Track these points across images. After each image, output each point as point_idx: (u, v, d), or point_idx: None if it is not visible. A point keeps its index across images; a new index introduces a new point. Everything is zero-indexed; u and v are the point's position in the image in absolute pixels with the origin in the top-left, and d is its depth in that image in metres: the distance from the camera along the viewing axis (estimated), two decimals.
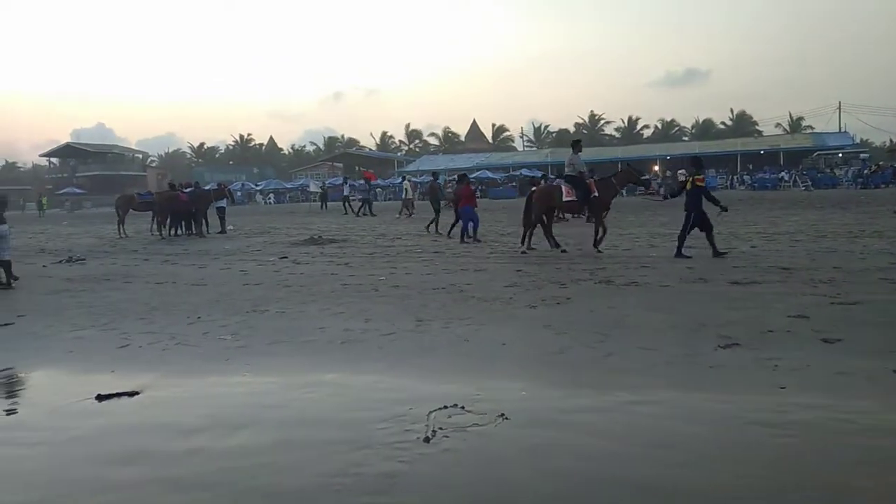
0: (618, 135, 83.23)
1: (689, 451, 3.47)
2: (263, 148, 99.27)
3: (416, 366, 5.27)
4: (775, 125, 75.51)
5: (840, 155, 46.95)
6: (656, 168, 51.07)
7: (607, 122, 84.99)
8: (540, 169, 50.86)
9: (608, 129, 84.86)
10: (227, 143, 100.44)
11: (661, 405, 4.16)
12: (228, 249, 15.38)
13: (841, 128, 59.84)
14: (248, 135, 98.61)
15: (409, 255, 12.83)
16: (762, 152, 54.16)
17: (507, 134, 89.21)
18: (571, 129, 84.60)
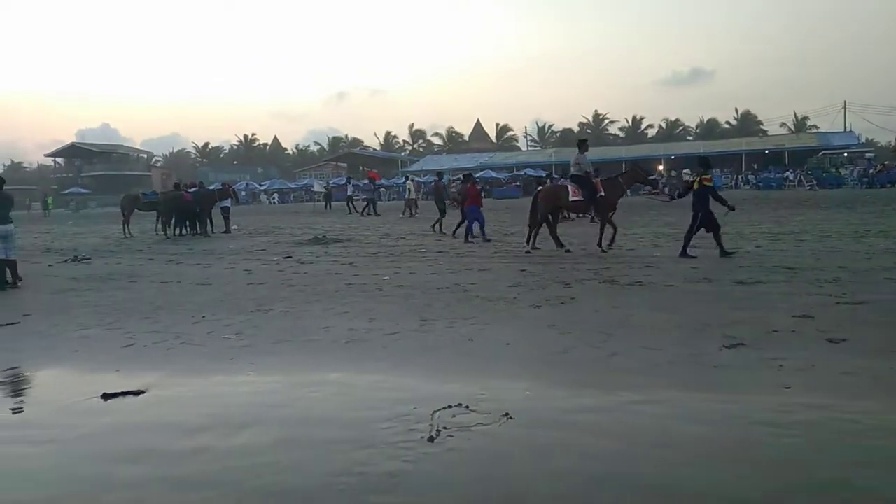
0: (622, 134, 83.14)
1: (693, 451, 3.47)
2: (268, 148, 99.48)
3: (421, 365, 5.27)
4: (780, 125, 75.54)
5: (845, 154, 46.73)
6: (660, 168, 50.96)
7: (611, 122, 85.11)
8: (544, 169, 50.88)
9: (612, 129, 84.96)
10: (232, 143, 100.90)
11: (666, 405, 4.16)
12: (233, 249, 15.42)
13: (846, 127, 59.66)
14: (253, 135, 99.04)
15: (413, 254, 12.85)
16: (767, 152, 53.99)
17: (510, 133, 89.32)
18: (575, 129, 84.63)
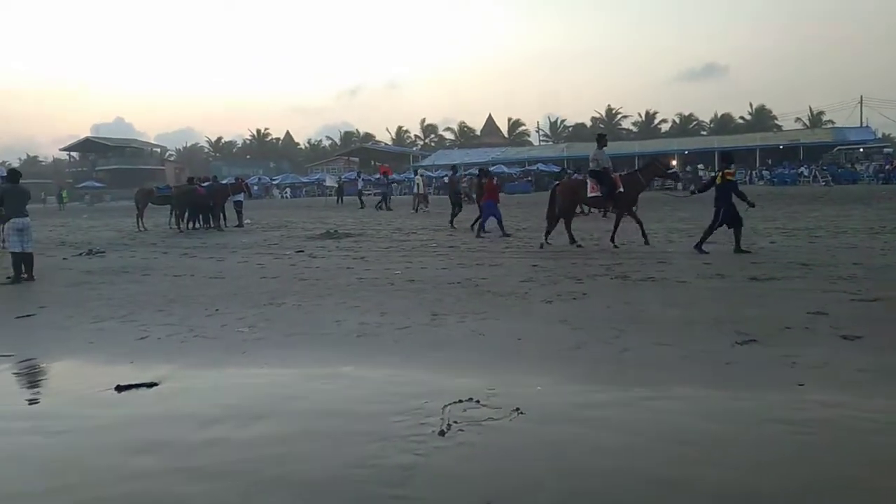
0: (635, 129, 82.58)
1: (705, 447, 3.46)
2: (280, 142, 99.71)
3: (432, 359, 5.29)
4: (795, 120, 74.54)
5: (861, 150, 46.15)
6: (674, 163, 50.62)
7: (624, 117, 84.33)
8: (556, 164, 50.75)
9: (625, 124, 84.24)
10: (245, 138, 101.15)
11: (678, 401, 4.15)
12: (246, 243, 15.50)
13: (862, 122, 58.86)
14: (265, 129, 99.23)
15: (424, 249, 12.86)
16: (782, 147, 53.38)
17: (522, 128, 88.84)
18: (588, 124, 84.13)
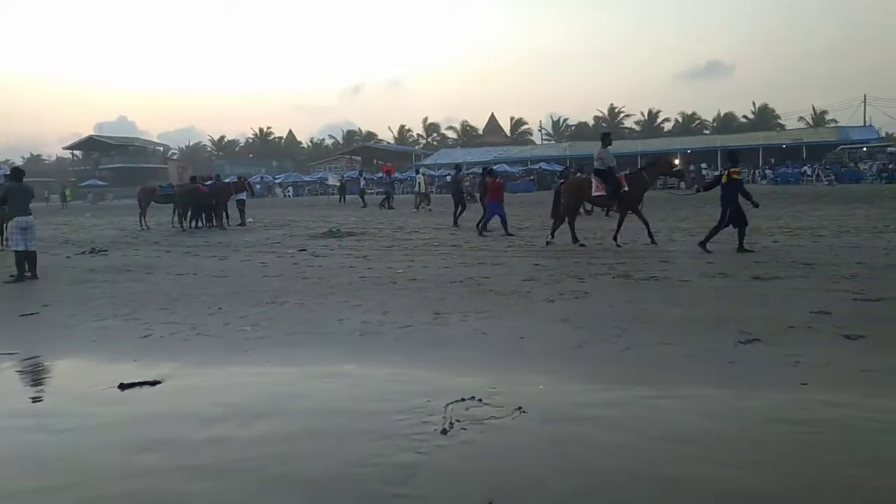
0: (637, 128, 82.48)
1: (708, 446, 3.45)
2: (283, 141, 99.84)
3: (434, 358, 5.29)
4: (798, 119, 74.47)
5: (865, 149, 46.07)
6: (677, 161, 50.52)
7: (627, 116, 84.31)
8: (558, 163, 50.71)
9: (628, 123, 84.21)
10: (247, 137, 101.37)
11: (681, 400, 4.14)
12: (248, 242, 15.51)
13: (866, 121, 58.85)
14: (268, 128, 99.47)
15: (426, 248, 12.86)
16: (784, 146, 53.35)
17: (525, 127, 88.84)
18: (591, 123, 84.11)
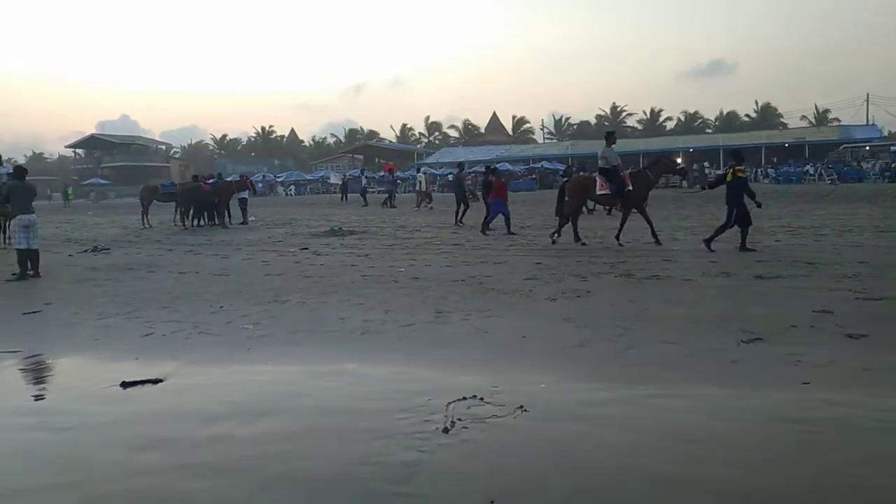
0: (640, 127, 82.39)
1: (710, 445, 3.45)
2: (285, 140, 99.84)
3: (436, 357, 5.29)
4: (801, 117, 74.29)
5: (867, 148, 45.93)
6: (679, 160, 50.46)
7: (629, 114, 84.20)
8: (560, 161, 50.68)
9: (630, 121, 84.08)
10: (249, 135, 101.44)
11: (683, 399, 4.14)
12: (250, 240, 15.52)
13: (868, 120, 58.69)
14: (270, 126, 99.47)
15: (428, 246, 12.86)
16: (787, 145, 53.25)
17: (527, 126, 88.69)
18: (593, 122, 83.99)
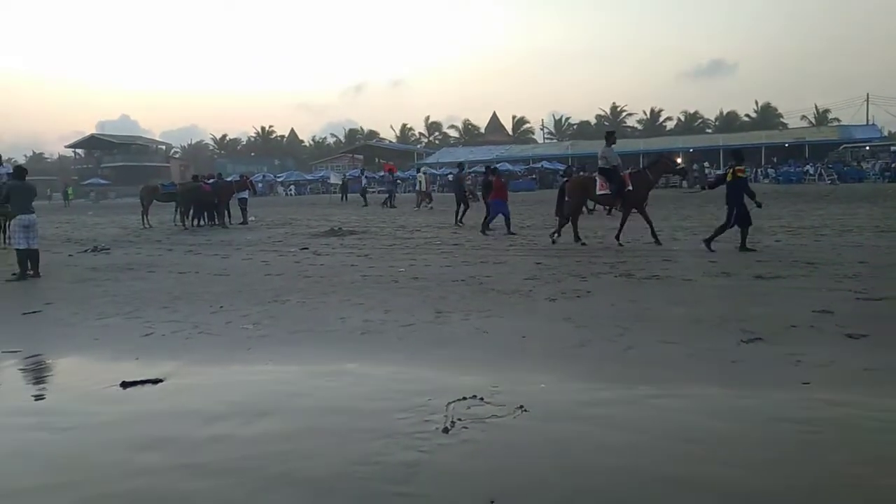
0: (640, 127, 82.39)
1: (710, 445, 3.45)
2: (285, 140, 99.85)
3: (436, 357, 5.29)
4: (801, 117, 74.27)
5: (867, 148, 45.93)
6: (679, 160, 50.46)
7: (629, 115, 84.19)
8: (560, 162, 50.67)
9: (630, 122, 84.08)
10: (249, 135, 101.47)
11: (683, 399, 4.14)
12: (250, 240, 15.52)
13: (868, 120, 58.70)
14: (270, 127, 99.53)
15: (428, 246, 12.86)
16: (787, 145, 53.25)
17: (527, 126, 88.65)
18: (593, 122, 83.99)
